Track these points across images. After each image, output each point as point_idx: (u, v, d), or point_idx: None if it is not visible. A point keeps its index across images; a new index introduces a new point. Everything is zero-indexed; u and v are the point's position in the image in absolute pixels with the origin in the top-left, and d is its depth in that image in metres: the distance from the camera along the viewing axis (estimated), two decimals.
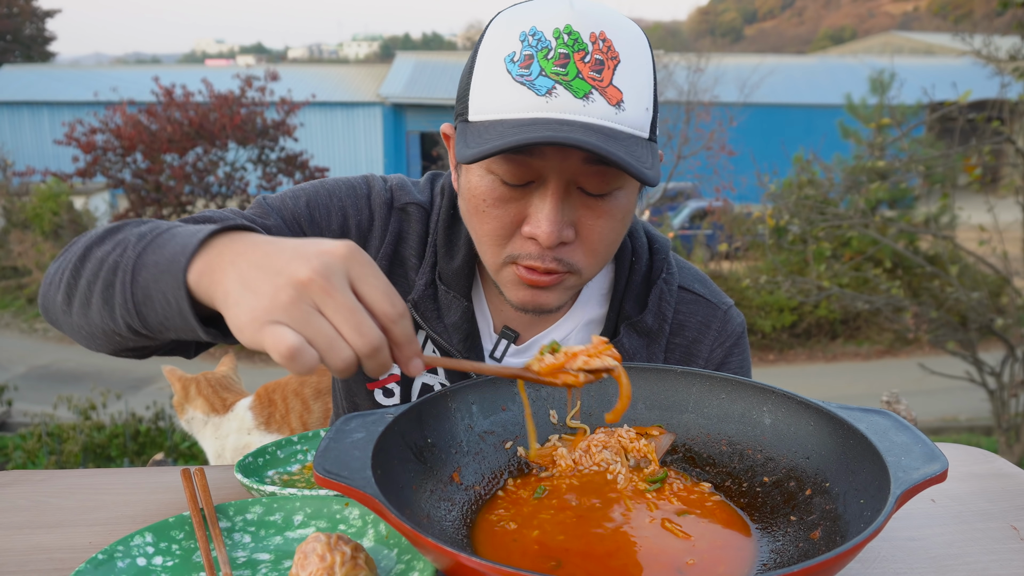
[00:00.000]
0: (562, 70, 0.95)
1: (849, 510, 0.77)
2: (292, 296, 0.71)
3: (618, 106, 0.96)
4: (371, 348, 0.72)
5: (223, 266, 0.77)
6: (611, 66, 0.96)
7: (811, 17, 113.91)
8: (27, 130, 22.12)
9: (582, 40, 0.95)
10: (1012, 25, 7.45)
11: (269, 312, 0.71)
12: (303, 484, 1.07)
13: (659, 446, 0.96)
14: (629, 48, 0.98)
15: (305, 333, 0.71)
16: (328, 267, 0.72)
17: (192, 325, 0.81)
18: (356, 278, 0.74)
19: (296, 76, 20.14)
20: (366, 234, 1.22)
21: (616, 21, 0.99)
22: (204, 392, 2.58)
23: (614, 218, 1.04)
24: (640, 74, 0.98)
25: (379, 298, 0.74)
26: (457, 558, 0.63)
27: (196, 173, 12.50)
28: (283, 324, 0.71)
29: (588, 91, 0.94)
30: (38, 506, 1.02)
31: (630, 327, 1.22)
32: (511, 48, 0.97)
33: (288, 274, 0.72)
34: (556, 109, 0.94)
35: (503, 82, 0.96)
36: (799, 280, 8.32)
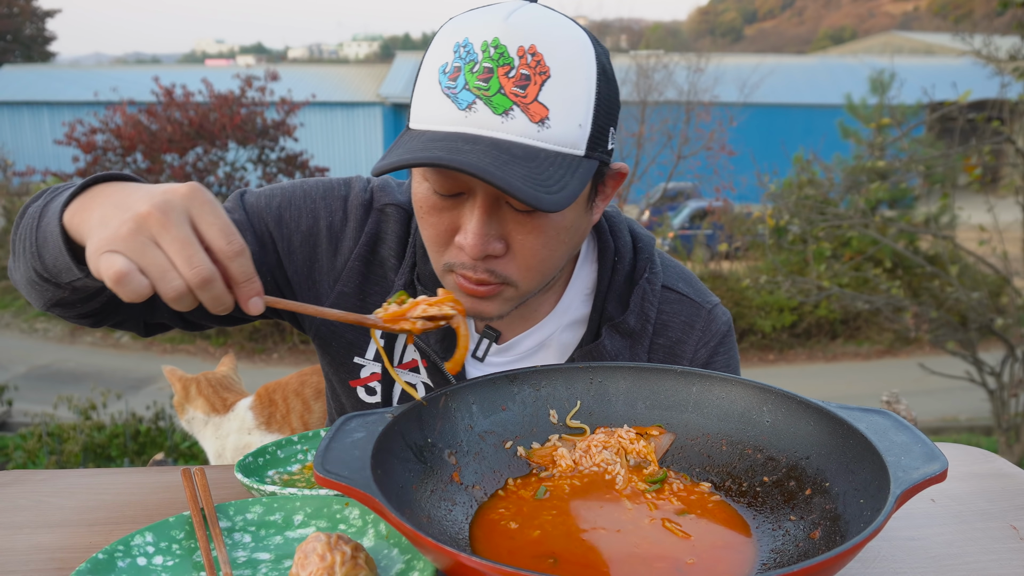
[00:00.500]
0: (484, 85, 0.93)
1: (849, 510, 0.77)
2: (131, 228, 0.78)
3: (541, 123, 0.94)
4: (201, 279, 0.78)
5: (91, 206, 0.87)
6: (538, 81, 0.93)
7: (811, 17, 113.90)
8: (27, 130, 22.12)
9: (508, 54, 0.93)
10: (1012, 25, 7.45)
11: (109, 242, 0.78)
12: (303, 484, 1.07)
13: (659, 446, 0.97)
14: (563, 63, 0.95)
15: (139, 262, 0.77)
16: (167, 203, 0.79)
17: (67, 261, 0.92)
18: (196, 215, 0.80)
19: (296, 76, 20.13)
20: (338, 234, 1.23)
21: (554, 34, 0.96)
22: (204, 392, 2.58)
23: (545, 234, 1.02)
24: (574, 89, 0.95)
25: (216, 235, 0.80)
26: (457, 558, 0.63)
27: (196, 173, 12.49)
28: (118, 252, 0.78)
29: (508, 107, 0.93)
30: (38, 506, 1.03)
31: (612, 328, 1.21)
32: (445, 59, 0.97)
33: (132, 209, 0.79)
34: (474, 124, 0.93)
35: (434, 93, 0.97)
36: (799, 280, 8.33)
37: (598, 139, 0.99)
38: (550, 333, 1.24)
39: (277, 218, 1.22)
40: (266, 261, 1.23)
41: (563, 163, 0.95)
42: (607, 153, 1.02)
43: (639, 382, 1.01)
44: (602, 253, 1.25)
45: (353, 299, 1.24)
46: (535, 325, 1.24)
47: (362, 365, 1.26)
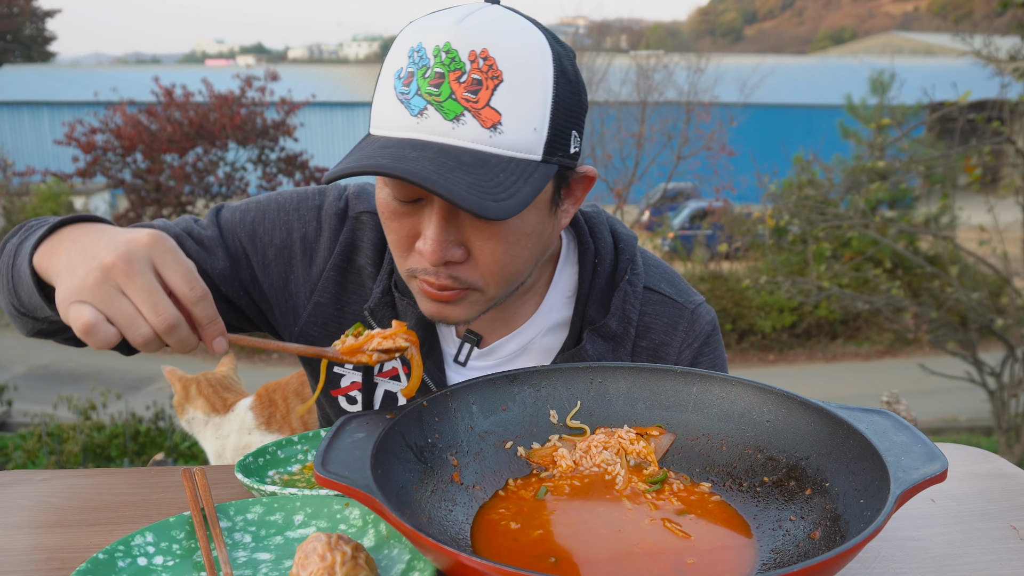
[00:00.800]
0: (435, 90, 0.92)
1: (849, 510, 0.78)
2: (98, 278, 0.81)
3: (494, 129, 0.92)
4: (167, 326, 0.82)
5: (59, 250, 0.91)
6: (490, 86, 0.92)
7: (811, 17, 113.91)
8: (27, 130, 22.13)
9: (460, 59, 0.92)
10: (1012, 25, 7.45)
11: (77, 292, 0.82)
12: (304, 484, 1.07)
13: (659, 446, 0.97)
14: (517, 66, 0.93)
15: (106, 311, 0.81)
16: (131, 253, 0.82)
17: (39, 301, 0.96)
18: (159, 263, 0.84)
19: (296, 76, 20.14)
20: (312, 245, 1.23)
21: (507, 37, 0.94)
22: (204, 392, 2.58)
23: (505, 240, 1.01)
24: (528, 93, 0.94)
25: (179, 282, 0.84)
26: (457, 558, 0.63)
27: (196, 173, 12.49)
28: (86, 303, 0.81)
29: (459, 113, 0.92)
30: (38, 506, 1.03)
31: (594, 332, 1.19)
32: (400, 64, 0.96)
33: (99, 259, 0.82)
34: (425, 130, 0.93)
35: (389, 97, 0.96)
36: (799, 280, 8.33)
37: (557, 142, 0.97)
38: (532, 337, 1.23)
39: (251, 233, 1.23)
40: (239, 277, 1.23)
41: (516, 168, 0.94)
42: (570, 156, 1.01)
43: (639, 382, 1.01)
44: (582, 255, 1.24)
45: (331, 309, 1.24)
46: (517, 329, 1.22)
47: (342, 375, 1.26)
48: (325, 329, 1.25)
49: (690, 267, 13.26)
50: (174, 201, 12.45)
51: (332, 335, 1.24)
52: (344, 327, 1.24)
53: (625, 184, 12.56)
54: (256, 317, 1.29)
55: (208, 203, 12.88)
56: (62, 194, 14.34)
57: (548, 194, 1.03)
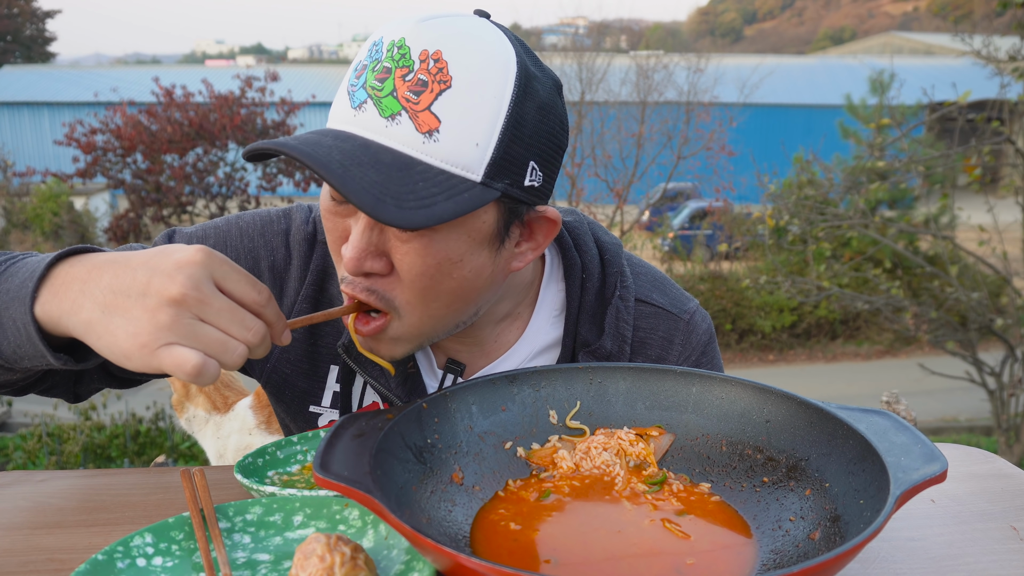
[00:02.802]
0: (379, 84, 0.88)
1: (849, 511, 0.77)
2: (172, 315, 0.75)
3: (428, 135, 0.86)
4: (259, 339, 0.79)
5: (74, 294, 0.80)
6: (435, 90, 0.86)
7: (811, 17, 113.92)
8: (27, 130, 22.14)
9: (410, 56, 0.87)
10: (1012, 25, 7.45)
11: (156, 336, 0.74)
12: (303, 484, 1.07)
13: (659, 447, 0.96)
14: (470, 75, 0.86)
15: (198, 345, 0.75)
16: (194, 278, 0.76)
17: (41, 351, 0.83)
18: (220, 278, 0.78)
19: (296, 76, 20.16)
20: (282, 274, 1.16)
21: (469, 44, 0.88)
22: (205, 389, 2.58)
23: (425, 259, 0.92)
24: (477, 106, 0.86)
25: (247, 290, 0.79)
26: (457, 559, 0.63)
27: (196, 173, 12.51)
28: (176, 344, 0.74)
29: (396, 111, 0.86)
30: (38, 506, 1.02)
31: (588, 355, 1.13)
32: (360, 57, 0.92)
33: (157, 294, 0.75)
34: (359, 124, 0.88)
35: (342, 89, 0.93)
36: (799, 280, 8.33)
37: (506, 168, 0.89)
38: (519, 362, 1.16)
39: None
40: None
41: (443, 182, 0.86)
42: (522, 188, 0.92)
43: (639, 382, 1.01)
44: (568, 270, 1.17)
45: (303, 344, 1.17)
46: (501, 356, 1.16)
47: (319, 413, 1.20)
48: (297, 366, 1.18)
49: (690, 267, 13.27)
50: (174, 201, 12.46)
51: (305, 372, 1.18)
52: (318, 363, 1.18)
53: (625, 184, 12.57)
54: None
55: (208, 203, 12.89)
56: (62, 194, 14.34)
57: (487, 227, 0.94)
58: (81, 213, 14.80)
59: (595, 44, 16.83)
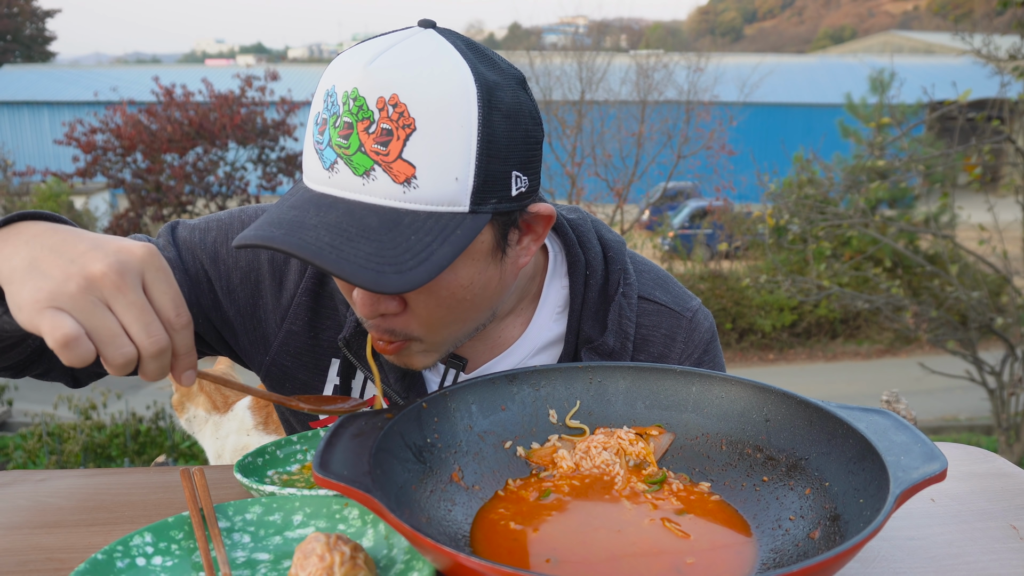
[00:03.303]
0: (344, 142, 0.85)
1: (848, 510, 0.77)
2: (81, 286, 0.73)
3: (407, 183, 0.83)
4: (158, 348, 0.76)
5: (16, 244, 0.79)
6: (401, 136, 0.83)
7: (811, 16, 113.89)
8: (27, 130, 22.15)
9: (367, 107, 0.83)
10: (1012, 24, 7.45)
11: (53, 297, 0.73)
12: (303, 484, 1.07)
13: (658, 446, 0.96)
14: (431, 112, 0.83)
15: (87, 324, 0.73)
16: (124, 265, 0.75)
17: None
18: (149, 281, 0.77)
19: (296, 76, 20.15)
20: (281, 267, 1.15)
21: (420, 79, 0.84)
22: (206, 388, 2.58)
23: (438, 296, 0.93)
24: (446, 141, 0.84)
25: (167, 304, 0.77)
26: (456, 558, 0.63)
27: (196, 173, 12.50)
28: (64, 311, 0.72)
29: (369, 167, 0.84)
30: (38, 506, 1.02)
31: (591, 351, 1.14)
32: (318, 108, 0.89)
33: (82, 264, 0.74)
34: (336, 185, 0.86)
35: (309, 145, 0.90)
36: (799, 279, 8.33)
37: (489, 188, 0.87)
38: (521, 358, 1.16)
39: (213, 255, 1.14)
40: (200, 302, 1.15)
41: (434, 227, 0.84)
42: (511, 199, 0.91)
43: (639, 382, 1.01)
44: (572, 267, 1.17)
45: (303, 337, 1.17)
46: (504, 351, 1.16)
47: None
48: (299, 359, 1.18)
49: (690, 266, 13.27)
50: (174, 201, 12.45)
51: (306, 365, 1.18)
52: (319, 356, 1.18)
53: (625, 183, 12.56)
54: (217, 344, 1.21)
55: (208, 203, 12.89)
56: (62, 194, 14.34)
57: (487, 244, 0.94)
58: (81, 212, 14.79)
59: (595, 43, 16.81)
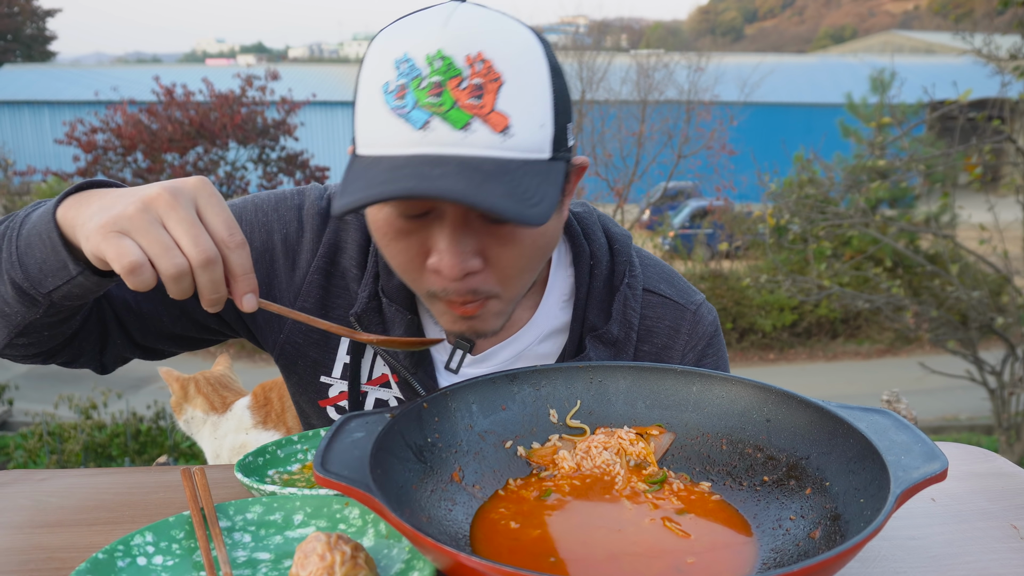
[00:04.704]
0: (436, 100, 0.87)
1: (849, 509, 0.77)
2: (138, 207, 0.79)
3: (505, 132, 0.88)
4: (204, 258, 0.80)
5: (89, 200, 0.87)
6: (492, 89, 0.87)
7: (811, 16, 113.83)
8: (28, 129, 22.14)
9: (456, 65, 0.87)
10: (1013, 24, 7.44)
11: (115, 221, 0.79)
12: (303, 483, 1.07)
13: (659, 446, 0.96)
14: (514, 64, 0.89)
15: (143, 241, 0.79)
16: (177, 188, 0.81)
17: (63, 259, 0.89)
18: (202, 204, 0.83)
19: (297, 75, 20.14)
20: (294, 246, 1.18)
21: (498, 35, 0.90)
22: (204, 390, 2.58)
23: (522, 244, 0.97)
24: (531, 90, 0.89)
25: (219, 224, 0.83)
26: (457, 558, 0.63)
27: (197, 172, 12.50)
28: (126, 235, 0.79)
29: (468, 121, 0.86)
30: (38, 505, 1.03)
31: (596, 339, 1.16)
32: (386, 77, 0.89)
33: (141, 194, 0.82)
34: (434, 143, 0.87)
35: (381, 114, 0.89)
36: (799, 279, 8.33)
37: (560, 138, 0.93)
38: (528, 344, 1.19)
39: None
40: None
41: (535, 171, 0.89)
42: (569, 151, 0.97)
43: (639, 381, 1.01)
44: (577, 258, 1.20)
45: (315, 314, 1.17)
46: (512, 336, 1.18)
47: (329, 384, 1.21)
48: (309, 336, 1.20)
49: (690, 266, 13.26)
50: None
51: (316, 343, 1.20)
52: (329, 334, 1.19)
53: (625, 183, 12.56)
54: (235, 323, 1.23)
55: None
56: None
57: None
58: None
59: (595, 43, 16.82)
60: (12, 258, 0.94)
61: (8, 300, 0.97)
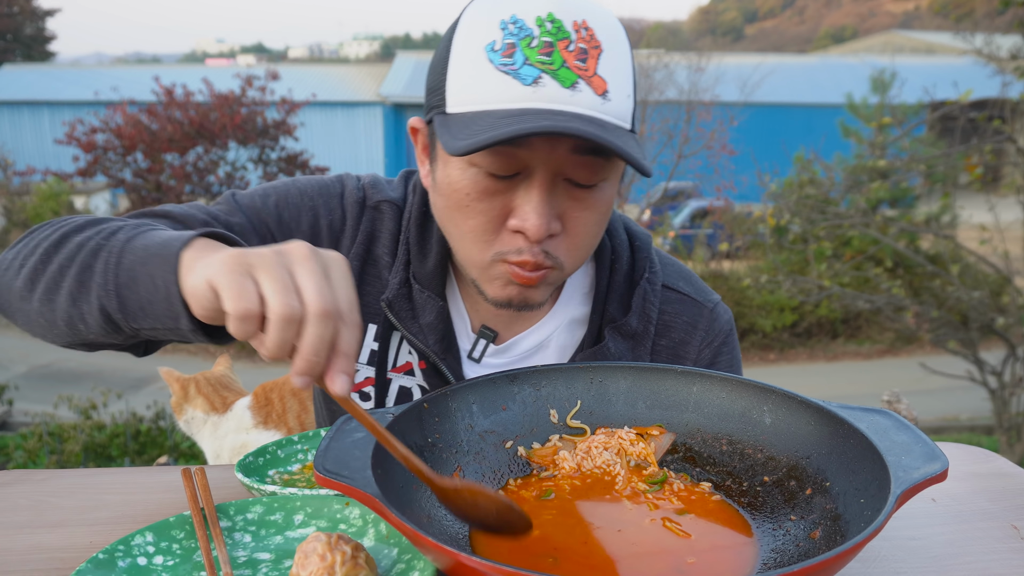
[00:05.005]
0: (547, 59, 0.92)
1: (849, 509, 0.77)
2: (272, 251, 0.73)
3: (604, 96, 0.93)
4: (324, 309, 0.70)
5: (214, 252, 0.79)
6: (595, 55, 0.93)
7: (812, 16, 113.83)
8: (28, 129, 22.13)
9: (565, 28, 0.93)
10: (1013, 24, 7.44)
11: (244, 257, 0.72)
12: (304, 484, 1.07)
13: (659, 446, 0.96)
14: (610, 37, 0.96)
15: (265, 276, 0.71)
16: (315, 250, 0.75)
17: (176, 309, 0.81)
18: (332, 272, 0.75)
19: (297, 76, 20.13)
20: (338, 234, 1.21)
21: (595, 9, 0.97)
22: (204, 391, 2.58)
23: (599, 210, 1.02)
24: (622, 63, 0.96)
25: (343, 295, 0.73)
26: (457, 557, 0.63)
27: (197, 173, 12.50)
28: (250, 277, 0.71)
29: (575, 80, 0.92)
30: (39, 505, 1.03)
31: (615, 330, 1.19)
32: (491, 37, 0.93)
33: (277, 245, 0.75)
34: (543, 99, 0.91)
35: (485, 72, 0.93)
36: (800, 279, 8.33)
37: (636, 111, 1.00)
38: (549, 333, 1.22)
39: (277, 218, 1.19)
40: None
41: (626, 135, 0.94)
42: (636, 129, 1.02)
43: (639, 382, 1.01)
44: (599, 252, 1.23)
45: None
46: (534, 325, 1.21)
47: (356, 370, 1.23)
48: None
49: (691, 266, 13.22)
50: (175, 200, 12.46)
51: None
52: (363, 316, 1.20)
53: (626, 183, 12.56)
54: None
55: (208, 203, 12.87)
56: (62, 193, 14.34)
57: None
58: (81, 212, 14.79)
59: None
60: (108, 286, 0.86)
61: (89, 321, 0.90)
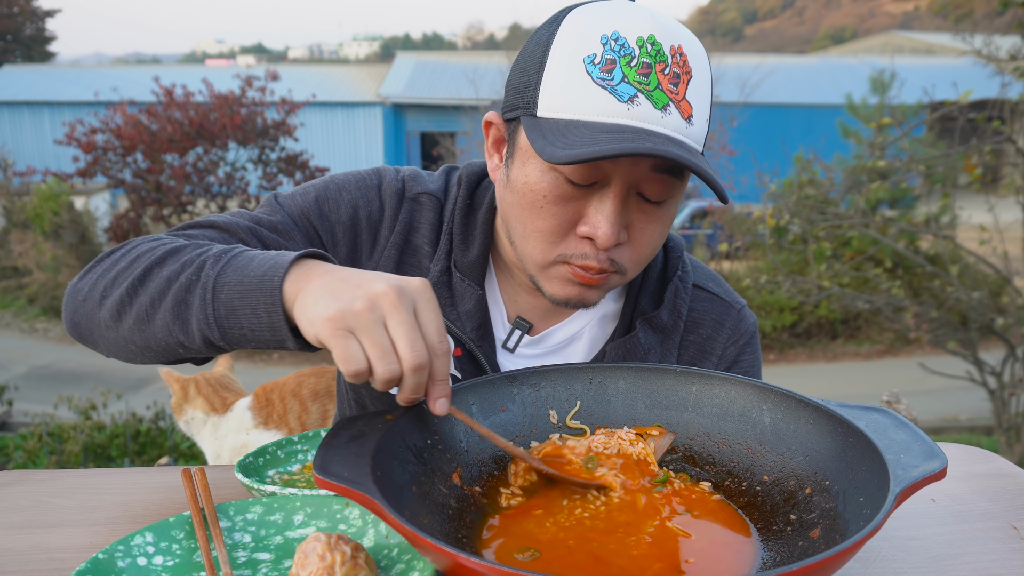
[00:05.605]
0: (644, 79, 0.96)
1: (849, 508, 0.77)
2: (365, 305, 0.79)
3: (688, 120, 0.98)
4: (417, 363, 0.79)
5: (311, 278, 0.85)
6: (685, 80, 0.98)
7: (811, 17, 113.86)
8: (27, 130, 22.13)
9: (663, 52, 0.97)
10: (1012, 25, 7.44)
11: (343, 317, 0.79)
12: (303, 484, 1.07)
13: (659, 446, 0.97)
14: (699, 64, 1.00)
15: (367, 341, 0.79)
16: (402, 288, 0.81)
17: (282, 336, 0.87)
18: (420, 308, 0.82)
19: (296, 76, 20.15)
20: (376, 224, 1.24)
21: (690, 37, 1.01)
22: (204, 391, 2.58)
23: (663, 224, 1.06)
24: (705, 90, 1.00)
25: (432, 330, 0.82)
26: (456, 558, 0.63)
27: (196, 173, 12.51)
28: (354, 337, 0.79)
29: (666, 103, 0.96)
30: (39, 506, 1.03)
31: (646, 322, 1.22)
32: (591, 49, 0.97)
33: (368, 288, 0.81)
34: (636, 117, 0.95)
35: (583, 83, 0.96)
36: (799, 280, 8.32)
37: (706, 139, 1.04)
38: (582, 327, 1.25)
39: (319, 213, 1.22)
40: None
41: (703, 159, 0.98)
42: None
43: (639, 382, 1.01)
44: None
45: None
46: (568, 318, 1.25)
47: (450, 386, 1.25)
48: None
49: None
50: (174, 201, 12.46)
51: None
52: None
53: None
54: None
55: (208, 203, 12.89)
56: (62, 194, 14.33)
57: None
58: (81, 213, 14.77)
59: None
60: (208, 319, 0.91)
61: (190, 347, 0.95)
